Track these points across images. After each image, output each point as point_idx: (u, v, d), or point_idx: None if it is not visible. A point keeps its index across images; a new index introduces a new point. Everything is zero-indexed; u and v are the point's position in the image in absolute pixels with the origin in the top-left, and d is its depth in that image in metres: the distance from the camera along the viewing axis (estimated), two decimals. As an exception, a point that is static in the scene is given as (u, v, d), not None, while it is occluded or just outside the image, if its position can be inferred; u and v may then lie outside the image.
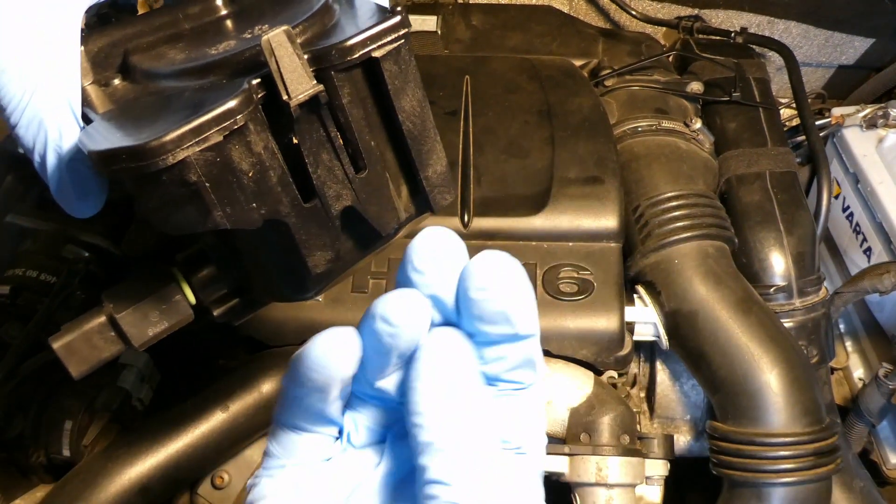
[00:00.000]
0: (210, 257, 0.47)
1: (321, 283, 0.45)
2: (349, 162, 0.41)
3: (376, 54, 0.39)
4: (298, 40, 0.37)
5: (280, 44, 0.35)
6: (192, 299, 0.46)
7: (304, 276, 0.43)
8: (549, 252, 0.82)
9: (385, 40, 0.39)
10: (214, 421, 0.77)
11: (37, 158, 0.41)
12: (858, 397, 1.01)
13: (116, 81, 0.44)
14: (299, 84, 0.36)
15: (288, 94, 0.36)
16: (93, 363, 0.45)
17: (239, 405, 0.77)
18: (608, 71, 1.08)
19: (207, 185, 0.36)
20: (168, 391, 0.88)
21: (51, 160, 0.41)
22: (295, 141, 0.39)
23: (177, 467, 0.75)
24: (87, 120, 0.42)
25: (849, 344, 1.14)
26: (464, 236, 0.82)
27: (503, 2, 1.32)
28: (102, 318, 0.45)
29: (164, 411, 0.79)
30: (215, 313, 0.47)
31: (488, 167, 0.88)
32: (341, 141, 0.40)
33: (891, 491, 1.04)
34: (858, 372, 1.11)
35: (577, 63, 1.09)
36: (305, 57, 0.37)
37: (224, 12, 0.48)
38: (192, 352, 0.87)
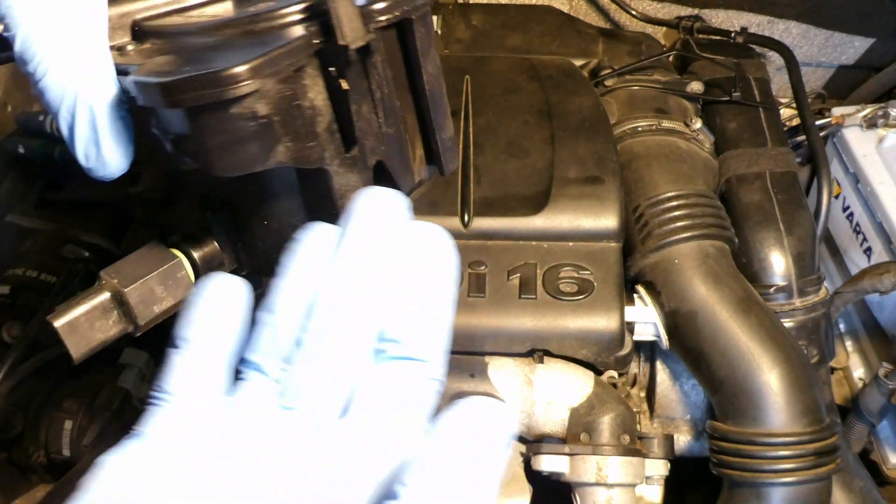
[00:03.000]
0: (213, 233, 0.47)
1: None
2: (383, 116, 0.43)
3: (411, 16, 0.41)
4: None
5: None
6: (193, 277, 0.46)
7: None
8: (549, 252, 0.82)
9: (418, 3, 0.42)
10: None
11: (64, 114, 0.40)
12: (858, 397, 1.01)
13: (131, 48, 0.43)
14: (356, 31, 0.38)
15: (345, 38, 0.37)
16: (94, 345, 0.43)
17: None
18: (608, 71, 1.08)
19: (276, 117, 0.37)
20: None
21: (81, 114, 0.39)
22: (344, 85, 0.40)
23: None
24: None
25: (849, 344, 1.14)
26: (464, 236, 0.83)
27: (503, 2, 1.32)
28: (107, 295, 0.42)
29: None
30: None
31: (488, 167, 0.88)
32: (380, 94, 0.42)
33: (891, 491, 1.04)
34: (858, 372, 1.11)
35: (577, 63, 1.09)
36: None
37: None
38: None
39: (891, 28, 1.27)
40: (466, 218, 0.83)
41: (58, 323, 0.41)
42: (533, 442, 0.80)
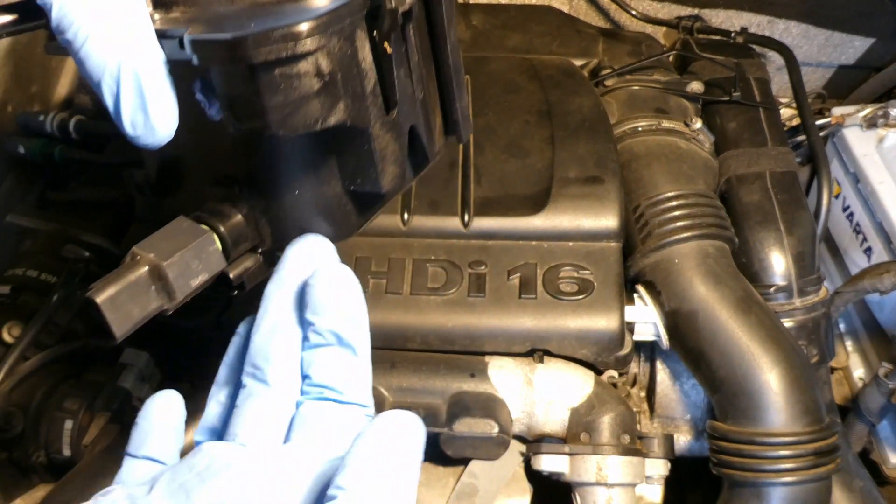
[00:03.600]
0: (237, 207, 0.46)
1: (369, 214, 0.49)
2: (417, 82, 0.44)
3: None
4: None
5: None
6: (222, 250, 0.45)
7: (354, 211, 0.47)
8: (549, 252, 0.82)
9: None
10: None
11: (108, 82, 0.38)
12: (858, 397, 1.02)
13: (157, 16, 0.42)
14: None
15: (395, 1, 0.39)
16: (137, 320, 0.41)
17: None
18: (608, 71, 1.08)
19: (339, 74, 0.38)
20: (168, 391, 0.88)
21: (127, 81, 0.38)
22: (387, 46, 0.41)
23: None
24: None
25: (849, 344, 1.14)
26: (464, 236, 0.83)
27: (503, 2, 1.32)
28: (145, 269, 0.41)
29: (165, 411, 0.79)
30: (232, 275, 0.46)
31: (488, 167, 0.88)
32: (416, 59, 0.43)
33: (891, 491, 1.04)
34: (858, 372, 1.11)
35: (577, 63, 1.09)
36: None
37: None
38: (191, 351, 0.87)
39: (891, 28, 1.27)
40: (466, 218, 0.83)
41: (99, 299, 0.39)
42: (533, 442, 0.80)
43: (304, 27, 0.35)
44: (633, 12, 1.29)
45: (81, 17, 0.37)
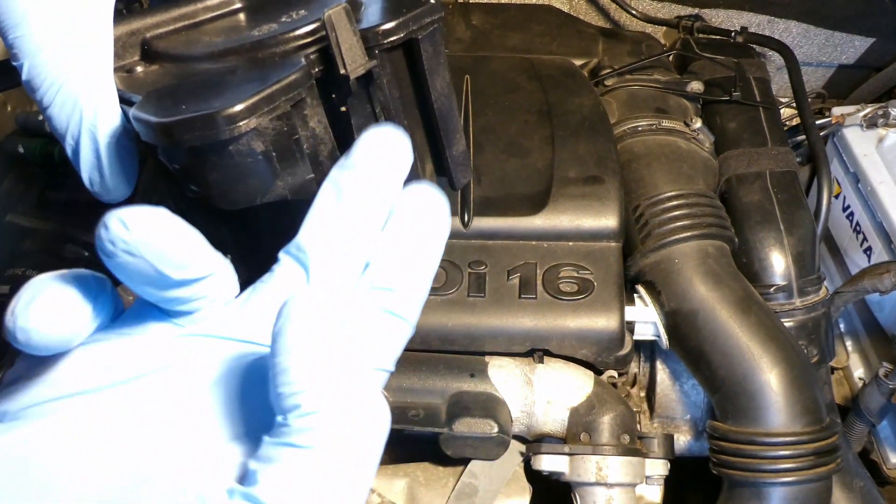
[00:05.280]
0: (227, 248, 0.47)
1: None
2: None
3: (417, 36, 0.42)
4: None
5: (339, 19, 0.37)
6: None
7: None
8: (549, 252, 0.82)
9: (425, 21, 0.42)
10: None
11: (69, 141, 0.41)
12: (858, 397, 1.01)
13: (140, 69, 0.44)
14: (356, 59, 0.38)
15: (345, 68, 0.38)
16: None
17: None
18: (608, 70, 1.08)
19: (274, 154, 0.37)
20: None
21: (85, 142, 0.41)
22: (343, 109, 0.41)
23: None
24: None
25: (849, 344, 1.14)
26: (464, 236, 0.83)
27: (503, 1, 1.32)
28: None
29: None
30: None
31: (488, 167, 0.88)
32: (384, 116, 0.43)
33: (891, 491, 1.04)
34: (858, 371, 1.11)
35: (577, 63, 1.09)
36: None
37: (239, 5, 0.48)
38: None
39: (891, 28, 1.26)
40: (466, 218, 0.83)
41: None
42: (533, 442, 0.80)
43: (234, 110, 0.35)
44: (633, 12, 1.29)
45: (48, 80, 0.40)
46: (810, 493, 0.72)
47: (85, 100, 0.40)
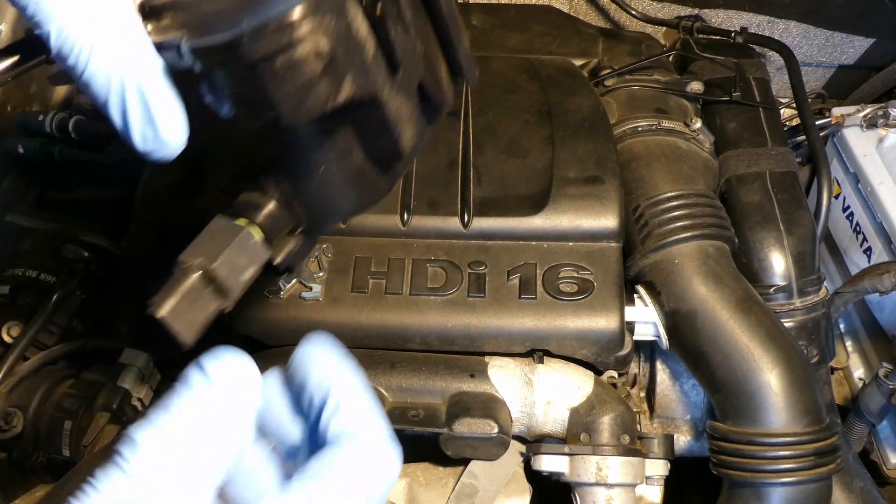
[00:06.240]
0: (267, 195, 0.47)
1: (395, 175, 0.49)
2: (415, 37, 0.44)
3: None
4: None
5: None
6: (263, 240, 0.46)
7: (380, 175, 0.47)
8: (549, 252, 0.82)
9: None
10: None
11: (114, 101, 0.39)
12: (858, 397, 1.02)
13: (150, 27, 0.42)
14: None
15: None
16: (200, 324, 0.43)
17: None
18: (608, 71, 1.08)
19: (339, 49, 0.38)
20: (168, 391, 0.88)
21: (132, 96, 0.39)
22: (378, 12, 0.41)
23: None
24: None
25: (849, 344, 1.14)
26: (464, 236, 0.83)
27: (503, 2, 1.32)
28: (196, 275, 0.42)
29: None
30: (277, 261, 0.48)
31: (488, 167, 0.88)
32: (409, 16, 0.43)
33: (891, 491, 1.04)
34: (858, 372, 1.11)
35: (577, 63, 1.09)
36: None
37: None
38: (191, 351, 0.87)
39: (891, 28, 1.26)
40: (466, 218, 0.83)
41: (161, 313, 0.40)
42: (533, 442, 0.80)
43: (296, 13, 0.35)
44: (633, 12, 1.29)
45: (80, 40, 0.38)
46: (810, 493, 0.72)
47: (123, 53, 0.39)
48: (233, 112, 0.41)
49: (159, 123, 0.39)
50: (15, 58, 0.42)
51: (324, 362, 0.37)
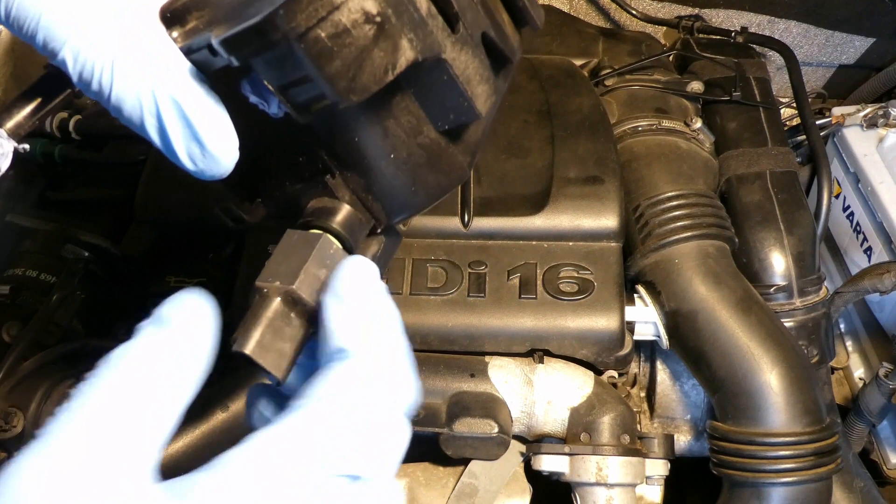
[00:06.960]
0: (338, 196, 0.43)
1: (474, 143, 0.45)
2: None
3: None
4: None
5: None
6: (342, 246, 0.42)
7: (458, 149, 0.43)
8: (549, 252, 0.82)
9: None
10: (214, 421, 0.77)
11: (150, 120, 0.35)
12: (859, 397, 1.02)
13: (176, 34, 0.37)
14: None
15: None
16: (291, 355, 0.38)
17: (239, 405, 0.77)
18: (608, 70, 1.08)
19: (390, 11, 0.33)
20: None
21: (168, 112, 0.34)
22: None
23: (176, 467, 0.75)
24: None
25: (849, 344, 1.14)
26: (464, 236, 0.83)
27: (503, 1, 1.32)
28: (277, 300, 0.38)
29: (164, 411, 0.79)
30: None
31: (488, 167, 0.88)
32: None
33: (891, 491, 1.04)
34: (859, 372, 1.11)
35: (577, 63, 1.09)
36: None
37: None
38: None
39: (891, 28, 1.26)
40: (466, 218, 0.83)
41: (248, 349, 0.36)
42: (533, 442, 0.80)
43: None
44: (633, 12, 1.29)
45: (98, 59, 0.34)
46: (810, 493, 0.72)
47: (149, 64, 0.34)
48: (282, 111, 0.37)
49: (204, 137, 0.35)
50: (37, 101, 0.39)
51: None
